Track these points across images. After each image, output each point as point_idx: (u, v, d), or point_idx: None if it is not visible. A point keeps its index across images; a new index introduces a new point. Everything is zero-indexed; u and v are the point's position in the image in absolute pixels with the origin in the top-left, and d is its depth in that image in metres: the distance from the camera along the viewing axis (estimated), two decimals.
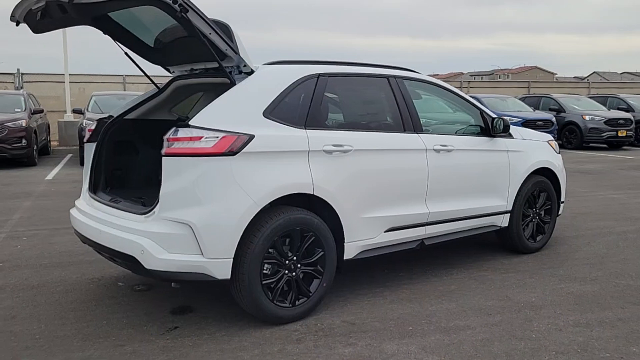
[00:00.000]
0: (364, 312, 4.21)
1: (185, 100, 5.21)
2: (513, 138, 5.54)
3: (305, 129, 4.05)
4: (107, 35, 4.52)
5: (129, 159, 4.94)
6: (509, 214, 5.51)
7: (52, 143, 16.83)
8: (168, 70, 4.93)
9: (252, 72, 4.06)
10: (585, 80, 60.37)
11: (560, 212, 6.16)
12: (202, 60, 4.43)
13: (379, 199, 4.41)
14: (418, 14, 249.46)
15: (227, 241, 3.65)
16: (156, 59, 4.77)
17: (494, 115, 5.42)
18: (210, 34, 3.74)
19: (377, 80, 4.68)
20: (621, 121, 17.99)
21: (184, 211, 3.60)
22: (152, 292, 4.64)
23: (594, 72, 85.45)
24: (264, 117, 3.89)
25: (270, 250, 3.83)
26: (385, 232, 4.48)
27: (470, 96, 7.07)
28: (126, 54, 4.73)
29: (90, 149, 4.72)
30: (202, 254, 3.60)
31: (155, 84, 4.97)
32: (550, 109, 18.95)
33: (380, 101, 4.67)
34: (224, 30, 3.84)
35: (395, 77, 4.78)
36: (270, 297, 3.87)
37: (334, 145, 4.12)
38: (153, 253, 3.58)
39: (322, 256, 4.08)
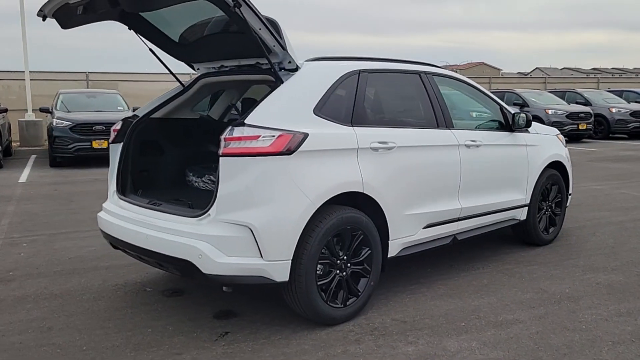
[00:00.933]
0: (409, 310, 4.19)
1: (214, 98, 5.07)
2: (529, 133, 5.64)
3: (352, 126, 3.99)
4: (132, 31, 4.35)
5: (154, 159, 4.77)
6: (527, 207, 5.61)
7: (12, 144, 16.09)
8: (192, 67, 4.77)
9: (296, 68, 3.97)
10: (529, 75, 62.31)
11: (568, 204, 6.32)
12: (238, 57, 4.30)
13: (419, 195, 4.41)
14: (367, 11, 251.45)
15: (286, 242, 3.57)
16: (182, 56, 4.62)
17: (512, 111, 5.50)
18: (260, 29, 3.64)
19: (411, 76, 4.67)
20: (582, 115, 18.65)
21: (243, 213, 3.49)
22: (185, 297, 4.49)
23: (537, 68, 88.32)
24: (315, 114, 3.81)
25: (323, 250, 3.76)
26: (424, 228, 4.48)
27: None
28: (150, 50, 4.55)
29: (115, 150, 4.52)
30: (261, 256, 3.50)
31: (180, 82, 4.80)
32: (515, 104, 19.21)
33: (415, 97, 4.66)
34: (273, 25, 3.74)
35: (426, 72, 4.78)
36: (324, 298, 3.80)
37: (379, 143, 4.08)
38: (212, 257, 3.46)
39: (370, 255, 4.04)
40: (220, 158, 3.51)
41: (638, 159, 13.88)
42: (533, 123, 5.82)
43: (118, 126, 4.57)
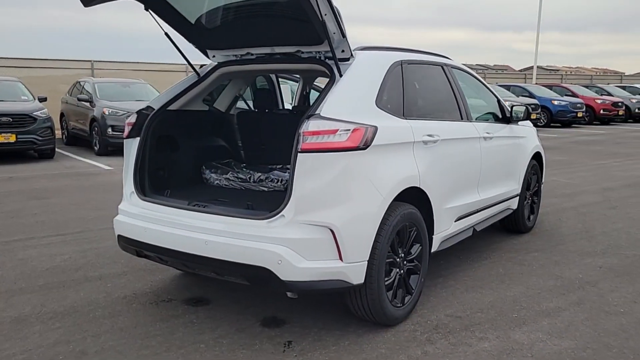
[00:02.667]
0: (454, 304, 4.16)
1: (220, 89, 4.66)
2: (518, 125, 5.83)
3: (405, 118, 3.86)
4: (148, 11, 3.88)
5: (170, 155, 4.30)
6: (518, 197, 5.81)
7: None
8: (206, 54, 4.36)
9: (348, 58, 3.74)
10: None
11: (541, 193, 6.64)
12: (272, 44, 3.98)
13: (454, 188, 4.38)
14: None
15: (365, 243, 3.37)
16: (199, 40, 4.19)
17: (507, 103, 5.65)
18: (325, 14, 3.38)
19: (437, 68, 4.61)
20: (532, 106, 19.58)
21: (323, 213, 3.23)
22: (214, 305, 4.11)
23: None
24: (377, 107, 3.63)
25: (388, 249, 3.61)
26: (455, 221, 4.46)
27: None
28: (166, 34, 4.09)
29: (131, 146, 4.03)
30: (340, 258, 3.27)
31: (195, 71, 4.35)
32: None
33: (442, 89, 4.61)
34: (337, 11, 3.49)
35: (447, 65, 4.75)
36: (389, 298, 3.66)
37: (428, 136, 3.99)
38: (292, 262, 3.17)
39: (421, 251, 3.95)
40: (299, 154, 3.22)
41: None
42: None
43: (133, 119, 4.06)
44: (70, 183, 9.24)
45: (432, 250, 4.20)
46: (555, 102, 20.90)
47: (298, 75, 5.70)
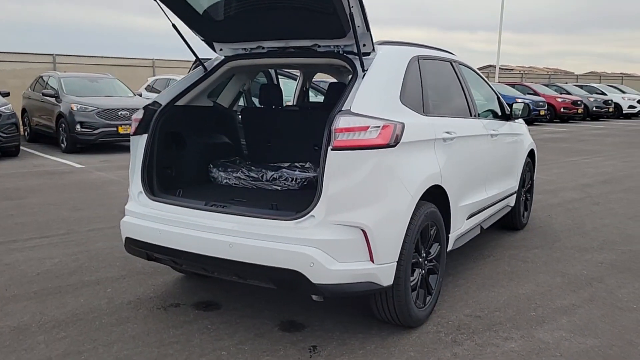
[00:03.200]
0: (470, 303, 4.11)
1: (223, 84, 4.48)
2: (515, 122, 5.84)
3: (425, 115, 3.78)
4: (155, 1, 3.69)
5: (177, 153, 4.10)
6: (515, 194, 5.82)
7: None
8: (212, 47, 4.17)
9: (369, 52, 3.63)
10: None
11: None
12: (287, 37, 3.83)
13: (467, 186, 4.33)
14: None
15: (395, 243, 3.28)
16: (208, 32, 4.00)
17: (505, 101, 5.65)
18: (352, 6, 3.25)
19: (447, 64, 4.55)
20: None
21: (355, 213, 3.11)
22: (226, 309, 3.93)
23: None
24: (401, 103, 3.53)
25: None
26: (467, 219, 4.42)
27: None
28: (173, 25, 3.89)
29: (138, 143, 3.82)
30: (371, 260, 3.16)
31: (202, 64, 4.16)
32: None
33: (453, 85, 4.55)
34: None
35: (455, 61, 4.70)
36: (414, 299, 3.58)
37: (446, 133, 3.92)
38: (325, 264, 3.05)
39: (439, 250, 3.88)
40: (331, 152, 3.09)
41: None
42: None
43: (140, 115, 3.84)
44: (43, 182, 8.82)
45: (448, 250, 4.14)
46: (520, 100, 21.29)
47: (297, 71, 5.56)
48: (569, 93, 25.00)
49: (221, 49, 4.15)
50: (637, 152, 13.57)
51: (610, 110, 25.39)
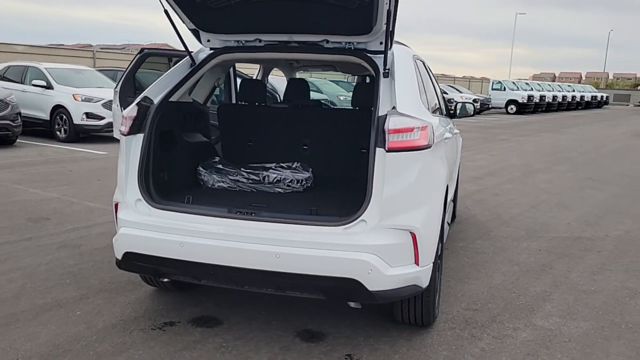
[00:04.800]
0: (459, 297, 4.23)
1: (213, 79, 4.12)
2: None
3: (432, 114, 3.82)
4: None
5: (169, 154, 3.68)
6: (455, 189, 6.12)
7: None
8: (199, 38, 3.80)
9: (384, 51, 3.57)
10: None
11: None
12: (292, 32, 3.62)
13: (450, 183, 4.45)
14: None
15: (434, 245, 3.27)
16: (199, 20, 3.65)
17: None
18: (386, 2, 3.17)
19: (420, 62, 4.61)
20: None
21: (406, 216, 3.04)
22: (230, 324, 3.63)
23: None
24: (421, 102, 3.53)
25: None
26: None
27: None
28: (165, 11, 3.49)
29: (133, 144, 3.37)
30: (416, 262, 3.12)
31: (191, 56, 3.76)
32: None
33: (431, 84, 4.63)
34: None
35: (419, 58, 4.78)
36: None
37: (449, 132, 4.01)
38: (382, 270, 2.94)
39: (441, 248, 3.96)
40: (387, 154, 2.98)
41: None
42: None
43: (133, 113, 3.38)
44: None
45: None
46: (342, 97, 22.19)
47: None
48: (445, 92, 26.86)
49: (208, 40, 3.80)
50: (496, 147, 14.99)
51: (452, 108, 27.77)
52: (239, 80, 5.06)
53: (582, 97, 40.80)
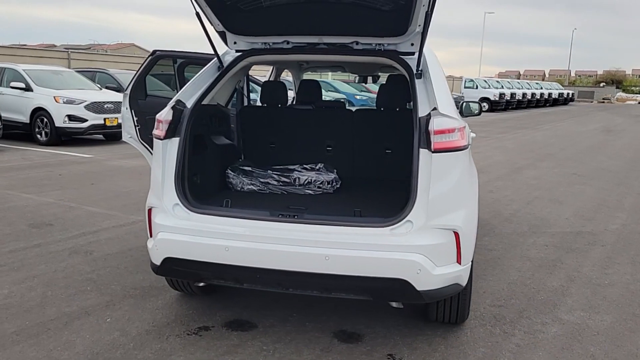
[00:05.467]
0: (482, 294, 4.29)
1: (234, 81, 4.08)
2: None
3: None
4: None
5: (202, 158, 3.64)
6: None
7: None
8: (225, 40, 3.78)
9: (414, 52, 3.61)
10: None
11: None
12: (323, 33, 3.63)
13: None
14: None
15: (473, 243, 3.31)
16: (229, 22, 3.62)
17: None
18: (423, 5, 3.21)
19: None
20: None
21: (451, 216, 3.07)
22: (265, 327, 3.62)
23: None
24: (453, 103, 3.57)
25: None
26: None
27: None
28: (197, 14, 3.46)
29: (168, 148, 3.32)
30: (458, 261, 3.16)
31: (219, 58, 3.72)
32: (108, 87, 14.33)
33: None
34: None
35: None
36: None
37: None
38: (430, 270, 2.97)
39: None
40: (433, 154, 3.01)
41: None
42: None
43: (169, 116, 3.33)
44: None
45: None
46: (358, 97, 22.50)
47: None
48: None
49: (235, 42, 3.78)
50: (475, 144, 15.17)
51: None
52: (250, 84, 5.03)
53: (549, 95, 41.67)
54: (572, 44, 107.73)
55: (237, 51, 3.80)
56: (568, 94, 47.22)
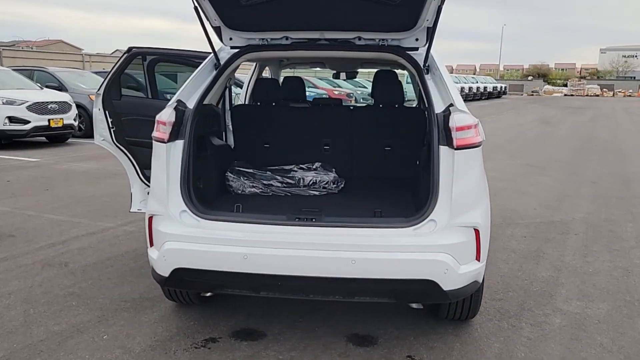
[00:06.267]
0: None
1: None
2: None
3: None
4: None
5: (203, 161, 3.45)
6: None
7: None
8: (220, 36, 3.60)
9: (418, 48, 3.56)
10: (110, 55, 61.82)
11: None
12: (324, 29, 3.52)
13: None
14: None
15: (489, 240, 3.29)
16: (228, 17, 3.45)
17: None
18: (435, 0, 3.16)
19: None
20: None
21: (472, 213, 3.03)
22: (274, 335, 3.48)
23: (117, 50, 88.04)
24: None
25: None
26: None
27: None
28: (195, 8, 3.27)
29: (172, 151, 3.12)
30: (478, 259, 3.13)
31: (216, 56, 3.53)
32: (48, 86, 13.33)
33: None
34: None
35: None
36: None
37: None
38: (455, 269, 2.93)
39: None
40: (455, 152, 2.95)
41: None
42: None
43: (172, 118, 3.12)
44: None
45: None
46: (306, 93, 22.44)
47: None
48: (340, 87, 27.19)
49: (231, 38, 3.61)
50: None
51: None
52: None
53: (485, 88, 42.99)
54: (502, 39, 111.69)
55: (232, 47, 3.63)
56: (501, 87, 48.86)
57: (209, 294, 3.49)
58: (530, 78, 78.93)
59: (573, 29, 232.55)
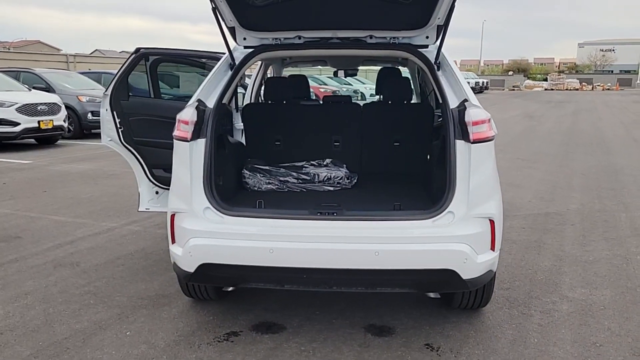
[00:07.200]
0: None
1: None
2: None
3: None
4: None
5: (223, 159, 3.51)
6: None
7: None
8: (234, 36, 3.67)
9: (427, 45, 3.66)
10: (90, 55, 61.17)
11: None
12: (337, 28, 3.60)
13: None
14: None
15: (502, 230, 3.40)
16: (243, 17, 3.52)
17: None
18: None
19: None
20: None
21: (488, 204, 3.14)
22: (294, 328, 3.56)
23: (97, 50, 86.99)
24: None
25: None
26: None
27: None
28: (213, 9, 3.34)
29: (195, 150, 3.19)
30: (492, 248, 3.25)
31: (232, 56, 3.59)
32: (35, 87, 13.20)
33: None
34: None
35: None
36: None
37: None
38: (474, 259, 3.04)
39: None
40: (472, 145, 3.06)
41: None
42: None
43: (194, 117, 3.18)
44: None
45: None
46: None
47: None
48: (325, 84, 27.31)
49: (244, 38, 3.67)
50: None
51: (359, 97, 28.58)
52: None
53: (468, 84, 43.40)
54: (482, 35, 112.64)
55: (245, 47, 3.70)
56: (483, 82, 49.32)
57: (230, 289, 3.56)
58: (510, 73, 79.66)
59: (551, 24, 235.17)
